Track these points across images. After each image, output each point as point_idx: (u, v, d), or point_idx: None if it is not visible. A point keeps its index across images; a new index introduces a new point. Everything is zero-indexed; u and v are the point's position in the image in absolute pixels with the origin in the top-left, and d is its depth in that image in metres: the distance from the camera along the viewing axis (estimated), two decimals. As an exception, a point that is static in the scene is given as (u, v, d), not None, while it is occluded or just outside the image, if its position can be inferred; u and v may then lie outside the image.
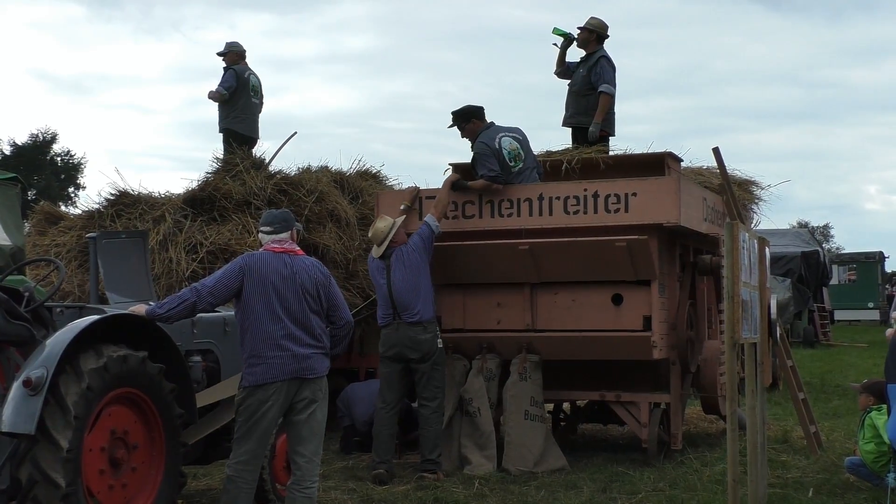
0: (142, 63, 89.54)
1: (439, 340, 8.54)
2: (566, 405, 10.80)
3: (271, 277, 6.03)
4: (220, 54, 12.14)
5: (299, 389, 6.04)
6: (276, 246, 6.19)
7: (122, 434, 5.99)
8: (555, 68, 10.68)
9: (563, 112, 10.62)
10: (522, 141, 9.18)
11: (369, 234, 8.85)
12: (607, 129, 10.37)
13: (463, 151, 9.55)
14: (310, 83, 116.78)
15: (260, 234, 6.35)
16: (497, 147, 8.97)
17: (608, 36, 10.49)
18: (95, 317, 6.02)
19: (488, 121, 9.27)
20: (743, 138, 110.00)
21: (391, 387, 8.59)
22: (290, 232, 6.26)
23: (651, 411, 8.91)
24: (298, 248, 6.29)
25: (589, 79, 10.29)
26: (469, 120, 9.27)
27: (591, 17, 10.51)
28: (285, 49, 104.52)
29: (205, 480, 8.41)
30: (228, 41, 12.24)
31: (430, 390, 8.49)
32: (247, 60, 12.17)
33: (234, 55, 12.08)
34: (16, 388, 5.54)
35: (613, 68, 10.33)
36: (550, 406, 10.23)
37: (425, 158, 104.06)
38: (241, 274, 6.03)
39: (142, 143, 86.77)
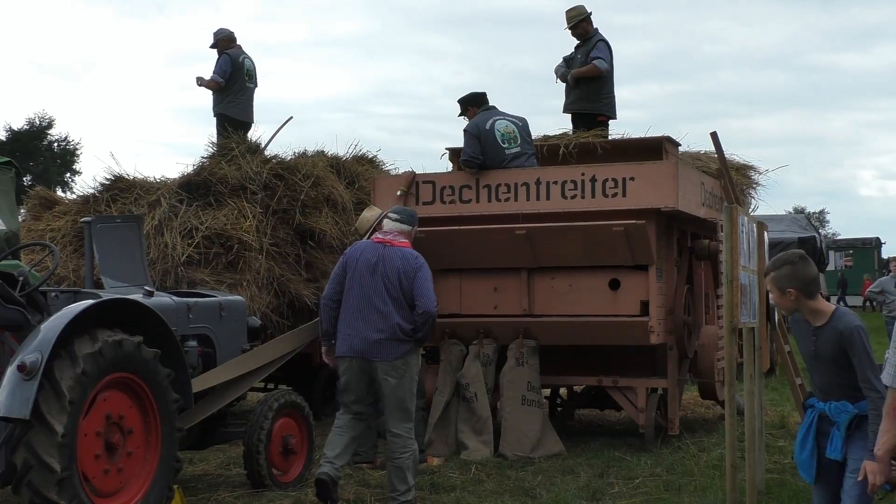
0: (128, 47, 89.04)
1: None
2: (563, 390, 10.80)
3: (360, 265, 6.84)
4: (212, 47, 12.04)
5: (374, 369, 6.76)
6: (379, 236, 7.04)
7: (117, 419, 5.97)
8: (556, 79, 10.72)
9: (556, 98, 10.67)
10: (521, 128, 9.18)
11: (356, 224, 8.83)
12: (608, 112, 10.38)
13: (455, 136, 9.61)
14: (297, 68, 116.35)
15: (385, 220, 7.16)
16: (487, 129, 8.98)
17: (591, 12, 10.51)
18: (90, 301, 5.99)
19: (490, 106, 9.31)
20: (734, 123, 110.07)
21: None
22: (411, 227, 7.08)
23: (648, 396, 8.90)
24: (400, 241, 6.95)
25: (587, 62, 10.29)
26: (466, 109, 9.45)
27: (567, 12, 10.51)
28: (271, 33, 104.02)
29: (200, 465, 8.40)
30: (214, 30, 12.11)
31: None
32: (238, 43, 12.07)
33: (224, 41, 11.96)
34: (10, 372, 5.52)
35: (610, 51, 10.35)
36: (547, 391, 10.23)
37: (417, 143, 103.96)
38: (344, 264, 6.95)
39: (132, 129, 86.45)
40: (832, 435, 4.75)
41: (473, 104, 9.39)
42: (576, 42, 10.60)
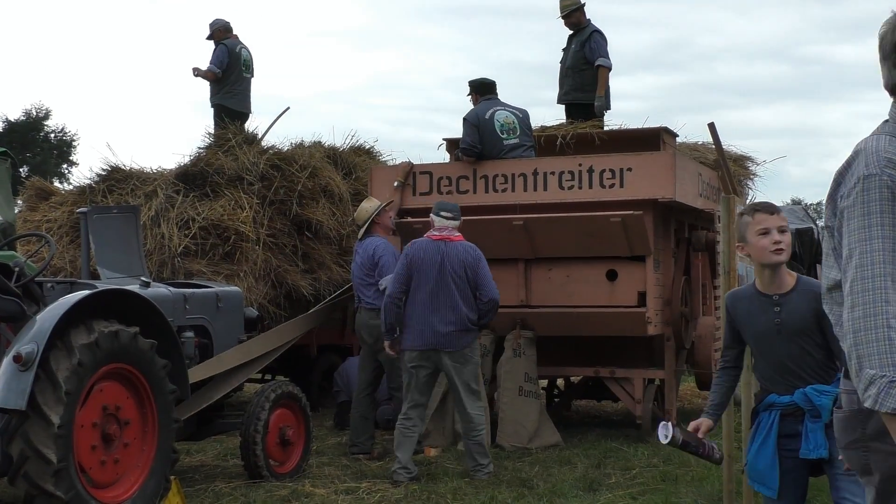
0: (123, 37, 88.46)
1: (398, 329, 8.22)
2: (560, 381, 10.80)
3: (426, 263, 7.39)
4: (208, 38, 11.98)
5: (442, 359, 7.39)
6: (435, 234, 7.53)
7: (113, 410, 5.96)
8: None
9: (552, 89, 10.64)
10: (522, 119, 9.15)
11: (354, 215, 8.82)
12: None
13: (451, 127, 9.63)
14: (294, 58, 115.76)
15: (437, 218, 7.57)
16: (487, 119, 8.97)
17: (584, 2, 10.48)
18: (86, 292, 5.98)
19: (493, 96, 9.30)
20: (731, 115, 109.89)
21: (362, 369, 8.58)
22: (460, 221, 7.62)
23: (645, 387, 8.91)
24: (456, 235, 7.53)
25: (583, 54, 10.28)
26: (470, 92, 9.43)
27: (561, 1, 10.48)
28: (268, 23, 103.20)
29: (197, 456, 8.40)
30: (210, 21, 12.05)
31: (394, 380, 8.41)
32: (235, 33, 12.02)
33: (220, 31, 11.90)
34: (6, 363, 5.51)
35: (606, 41, 10.33)
36: (545, 382, 10.23)
37: (414, 134, 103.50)
38: (408, 264, 7.44)
39: (128, 120, 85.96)
40: (806, 429, 4.00)
41: (478, 91, 9.35)
42: (569, 32, 10.58)
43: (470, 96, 9.45)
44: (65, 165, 49.01)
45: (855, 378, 2.57)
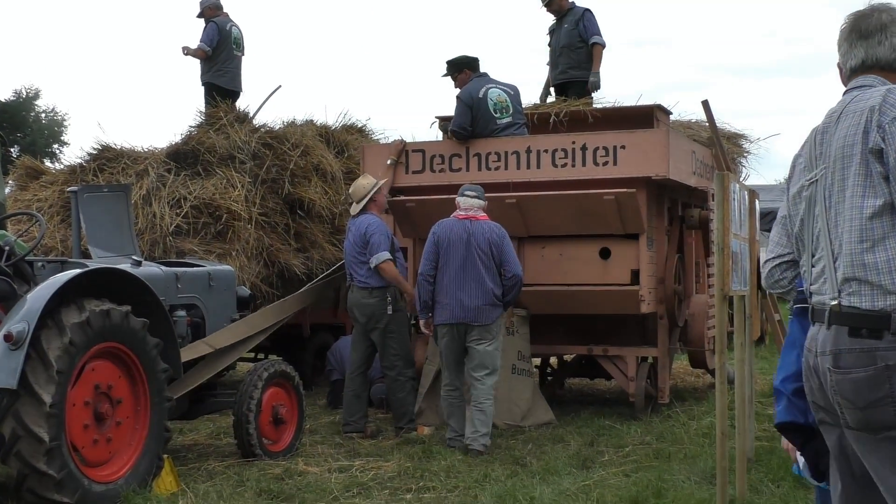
0: (109, 16, 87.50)
1: (390, 308, 8.27)
2: (553, 359, 10.80)
3: (453, 241, 7.66)
4: (199, 16, 11.88)
5: (469, 331, 7.65)
6: (461, 213, 7.77)
7: (105, 389, 5.95)
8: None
9: (548, 70, 10.56)
10: (513, 96, 9.09)
11: (350, 190, 8.77)
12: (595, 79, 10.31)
13: (444, 106, 9.51)
14: (285, 36, 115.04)
15: (462, 198, 7.79)
16: (480, 97, 8.90)
17: None
18: (77, 271, 5.96)
19: (483, 72, 9.22)
20: (722, 94, 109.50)
21: (355, 348, 8.54)
22: (486, 202, 7.87)
23: (638, 365, 8.91)
24: (482, 215, 7.76)
25: (577, 32, 10.23)
26: (461, 70, 9.27)
27: None
28: (253, 2, 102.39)
29: (190, 435, 8.39)
30: None
31: (386, 359, 8.38)
32: (226, 11, 11.92)
33: (210, 9, 11.80)
34: (-3, 343, 5.48)
35: (596, 19, 10.29)
36: (538, 360, 10.22)
37: (406, 113, 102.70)
38: (435, 242, 7.72)
39: (119, 99, 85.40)
40: None
41: (469, 68, 9.25)
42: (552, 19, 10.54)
43: (451, 77, 9.30)
44: (56, 145, 48.78)
45: None
